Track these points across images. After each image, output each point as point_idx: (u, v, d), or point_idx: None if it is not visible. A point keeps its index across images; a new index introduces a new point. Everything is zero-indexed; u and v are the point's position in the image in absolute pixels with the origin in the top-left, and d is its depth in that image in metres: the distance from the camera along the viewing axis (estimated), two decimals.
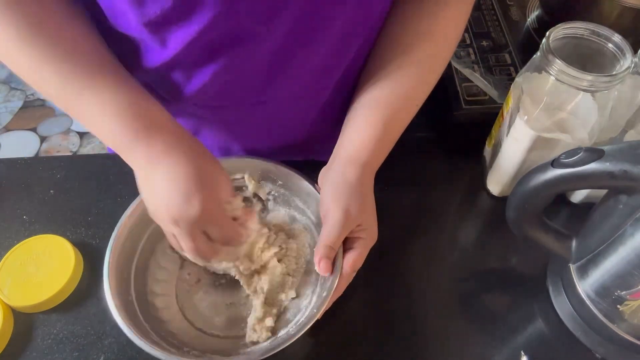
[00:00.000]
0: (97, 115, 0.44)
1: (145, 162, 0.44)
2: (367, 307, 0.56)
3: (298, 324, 0.49)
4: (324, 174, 0.52)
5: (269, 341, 0.49)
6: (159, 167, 0.44)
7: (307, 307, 0.51)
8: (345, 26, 0.48)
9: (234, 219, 0.49)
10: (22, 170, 0.67)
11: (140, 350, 0.52)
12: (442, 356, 0.52)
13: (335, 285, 0.47)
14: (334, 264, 0.48)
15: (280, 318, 0.52)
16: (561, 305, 0.54)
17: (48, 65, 0.43)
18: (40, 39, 0.42)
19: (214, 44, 0.47)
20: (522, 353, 0.52)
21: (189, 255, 0.48)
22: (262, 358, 0.45)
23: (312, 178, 0.55)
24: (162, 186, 0.44)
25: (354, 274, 0.50)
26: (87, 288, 0.56)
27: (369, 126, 0.51)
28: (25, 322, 0.54)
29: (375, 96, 0.52)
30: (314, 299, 0.51)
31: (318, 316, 0.46)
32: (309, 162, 0.59)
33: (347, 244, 0.49)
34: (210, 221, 0.45)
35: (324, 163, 0.54)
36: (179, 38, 0.46)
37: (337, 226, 0.47)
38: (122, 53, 0.49)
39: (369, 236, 0.49)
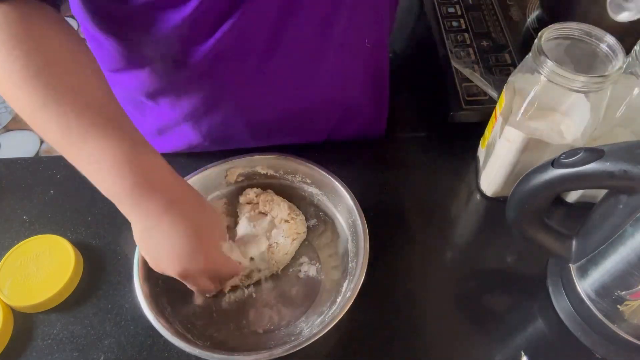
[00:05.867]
0: (95, 165, 0.44)
1: (145, 218, 0.45)
2: (365, 308, 0.56)
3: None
4: None
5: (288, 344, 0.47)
6: (160, 225, 0.45)
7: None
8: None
9: None
10: (22, 170, 0.67)
11: (140, 350, 0.52)
12: (442, 356, 0.52)
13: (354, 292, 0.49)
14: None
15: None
16: (561, 305, 0.54)
17: (49, 109, 0.42)
18: (45, 81, 0.42)
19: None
20: (522, 353, 0.52)
21: (197, 295, 0.55)
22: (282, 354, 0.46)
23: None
24: (164, 244, 0.46)
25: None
26: (87, 288, 0.56)
27: None
28: (25, 322, 0.54)
29: None
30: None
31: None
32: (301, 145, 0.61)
33: None
34: (214, 268, 0.50)
35: (312, 145, 0.56)
36: None
37: None
38: (142, 15, 0.50)
39: None
